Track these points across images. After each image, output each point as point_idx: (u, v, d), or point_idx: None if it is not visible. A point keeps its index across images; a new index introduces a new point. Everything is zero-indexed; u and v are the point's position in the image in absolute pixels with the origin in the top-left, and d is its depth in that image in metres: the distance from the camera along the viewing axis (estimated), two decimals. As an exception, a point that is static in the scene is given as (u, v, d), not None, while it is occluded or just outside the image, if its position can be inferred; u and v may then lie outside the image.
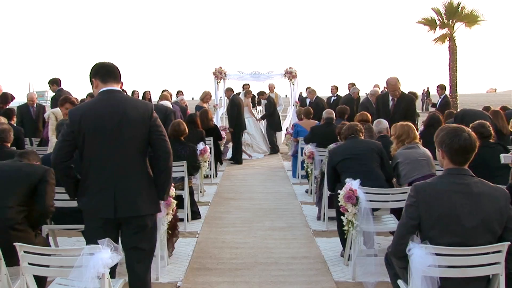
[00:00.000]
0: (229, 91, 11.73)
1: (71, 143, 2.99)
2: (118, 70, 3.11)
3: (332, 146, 5.96)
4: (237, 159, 11.10)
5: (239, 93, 13.43)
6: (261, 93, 12.95)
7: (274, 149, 12.45)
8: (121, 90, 3.09)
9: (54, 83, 9.11)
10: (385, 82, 7.01)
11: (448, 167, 2.66)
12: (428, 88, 32.81)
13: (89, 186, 3.00)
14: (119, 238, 3.16)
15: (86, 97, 7.21)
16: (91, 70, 3.11)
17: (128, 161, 2.99)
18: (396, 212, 4.38)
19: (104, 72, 3.06)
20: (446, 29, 19.85)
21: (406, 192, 3.97)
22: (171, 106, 8.58)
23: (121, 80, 3.13)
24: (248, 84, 13.14)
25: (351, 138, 4.89)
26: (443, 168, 2.72)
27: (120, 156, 2.97)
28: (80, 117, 2.98)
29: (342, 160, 4.62)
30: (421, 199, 2.58)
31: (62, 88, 9.05)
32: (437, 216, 2.53)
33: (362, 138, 4.97)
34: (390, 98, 6.91)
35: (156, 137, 3.05)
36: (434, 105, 10.81)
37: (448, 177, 2.62)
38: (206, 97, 11.14)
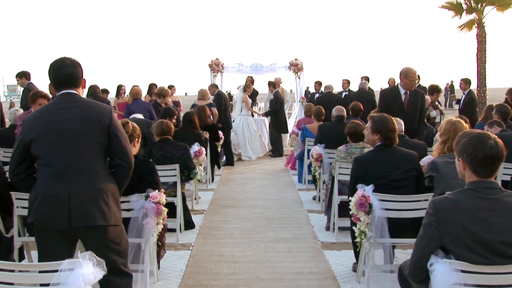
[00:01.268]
0: (213, 87, 11.70)
1: (24, 152, 3.07)
2: (77, 73, 3.15)
3: (342, 148, 5.95)
4: (228, 158, 11.13)
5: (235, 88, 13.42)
6: (271, 84, 12.77)
7: (278, 151, 12.43)
8: (76, 92, 3.15)
9: (23, 76, 9.08)
10: (401, 72, 6.72)
11: (471, 180, 2.60)
12: (452, 82, 32.62)
13: (39, 195, 3.01)
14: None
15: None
16: (48, 71, 3.17)
17: (84, 167, 3.02)
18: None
19: (58, 82, 3.14)
20: (474, 14, 19.59)
21: (427, 200, 3.95)
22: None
23: (81, 82, 3.18)
24: (251, 77, 13.10)
25: (382, 148, 4.37)
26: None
27: (73, 161, 3.01)
28: (32, 122, 3.08)
29: (374, 180, 4.18)
30: (442, 217, 2.52)
31: (31, 82, 9.04)
32: (462, 238, 2.48)
33: (396, 145, 4.39)
34: (403, 92, 6.71)
35: (114, 143, 3.12)
36: (458, 101, 10.76)
37: (473, 192, 2.56)
38: (207, 95, 11.14)
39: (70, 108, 3.07)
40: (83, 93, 3.31)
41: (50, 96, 6.50)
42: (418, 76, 7.77)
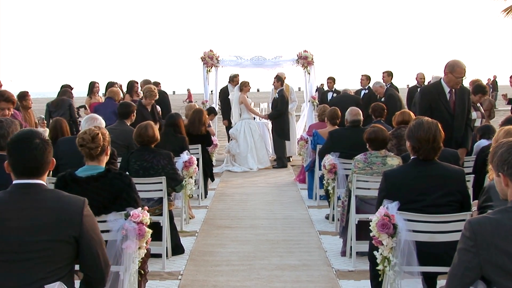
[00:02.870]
0: (147, 84, 11.48)
1: None
2: (47, 157, 2.89)
3: (360, 157, 5.93)
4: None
5: (226, 86, 13.45)
6: (278, 78, 12.66)
7: (281, 161, 12.42)
8: (41, 183, 2.88)
9: None
10: (446, 65, 6.50)
11: None
12: (494, 77, 32.44)
13: None
14: None
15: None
16: (7, 150, 2.90)
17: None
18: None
19: (19, 171, 2.87)
20: (522, -5, 19.39)
21: (465, 220, 3.92)
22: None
23: (49, 166, 2.93)
24: (238, 75, 13.17)
25: (418, 162, 4.19)
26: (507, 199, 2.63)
27: (27, 282, 2.71)
28: None
29: (405, 207, 4.09)
30: (481, 242, 2.50)
31: None
32: (508, 267, 2.44)
33: (437, 159, 4.20)
34: (447, 90, 6.56)
35: (86, 249, 2.87)
36: (510, 101, 10.68)
37: None
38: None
39: (28, 209, 2.77)
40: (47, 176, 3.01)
41: (16, 99, 6.48)
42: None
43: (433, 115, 6.18)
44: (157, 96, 9.41)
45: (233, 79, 13.24)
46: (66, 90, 11.10)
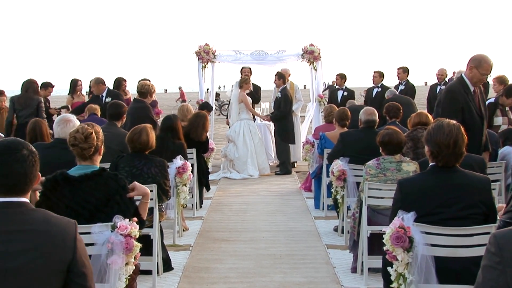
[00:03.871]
0: (99, 84, 10.90)
1: None
2: (33, 171, 2.70)
3: (372, 163, 5.93)
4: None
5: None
6: (280, 76, 12.66)
7: (284, 167, 12.42)
8: (25, 201, 2.70)
9: None
10: (471, 59, 6.36)
11: None
12: None
13: None
14: None
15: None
16: None
17: None
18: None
19: (1, 186, 2.65)
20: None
21: (489, 233, 3.91)
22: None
23: (35, 182, 2.73)
24: (249, 68, 13.13)
25: (436, 169, 4.18)
26: None
27: None
28: None
29: (422, 220, 4.08)
30: (509, 257, 2.45)
31: None
32: None
33: (459, 166, 4.18)
34: (472, 88, 6.41)
35: (77, 277, 2.68)
36: None
37: None
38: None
39: (13, 233, 2.59)
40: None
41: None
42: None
43: (465, 118, 6.10)
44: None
45: (240, 71, 13.23)
46: (31, 82, 10.72)
